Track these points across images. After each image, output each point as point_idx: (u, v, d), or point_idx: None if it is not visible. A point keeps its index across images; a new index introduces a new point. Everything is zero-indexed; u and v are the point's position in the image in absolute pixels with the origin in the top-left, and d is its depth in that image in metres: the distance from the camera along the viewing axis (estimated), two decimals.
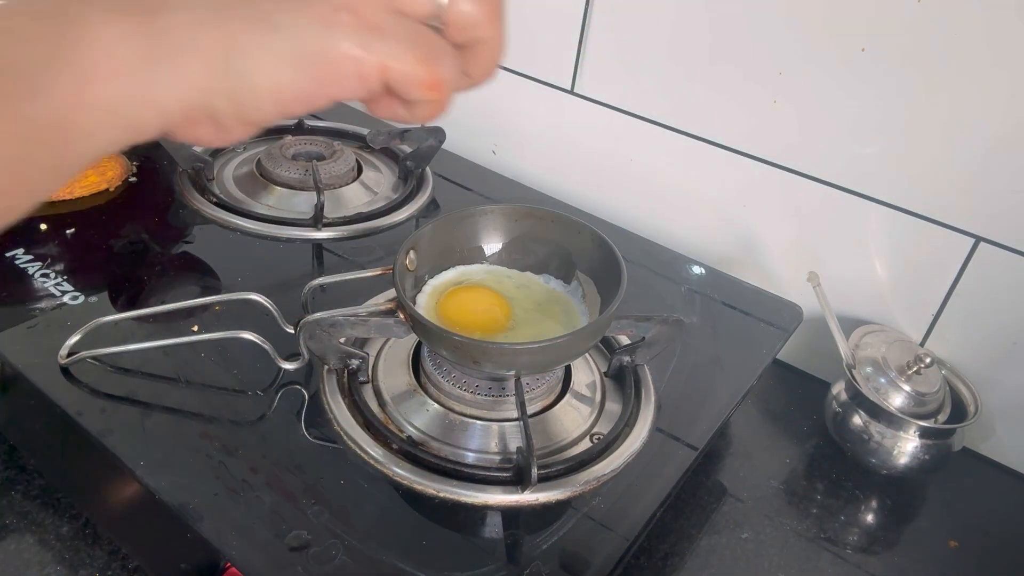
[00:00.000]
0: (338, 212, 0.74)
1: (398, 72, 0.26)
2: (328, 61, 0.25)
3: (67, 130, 0.23)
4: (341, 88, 0.26)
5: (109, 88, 0.24)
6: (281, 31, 0.25)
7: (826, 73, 0.64)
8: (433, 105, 0.28)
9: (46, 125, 0.23)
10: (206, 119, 0.26)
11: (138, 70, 0.24)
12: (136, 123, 0.25)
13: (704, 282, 0.73)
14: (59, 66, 0.23)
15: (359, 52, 0.25)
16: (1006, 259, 0.61)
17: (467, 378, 0.52)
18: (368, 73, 0.26)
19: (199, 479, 0.47)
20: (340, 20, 0.25)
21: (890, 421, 0.61)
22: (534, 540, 0.46)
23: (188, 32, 0.24)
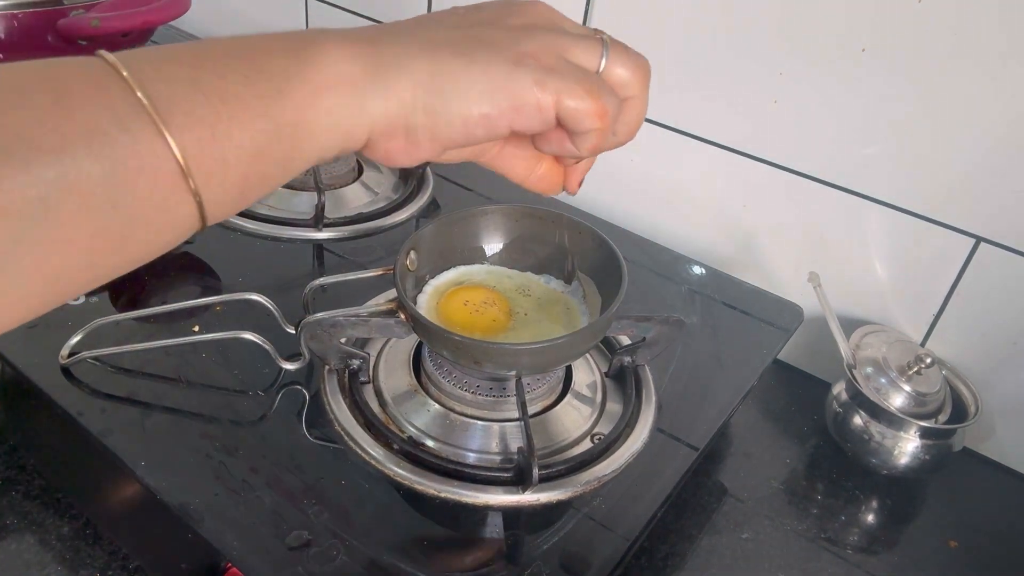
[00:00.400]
0: (339, 212, 0.74)
1: (570, 104, 0.31)
2: (514, 93, 0.30)
3: (299, 130, 0.28)
4: (521, 117, 0.31)
5: (334, 98, 0.28)
6: (479, 64, 0.30)
7: (826, 73, 0.64)
8: (598, 134, 0.32)
9: (284, 124, 0.27)
10: (402, 133, 0.30)
11: (358, 85, 0.29)
12: (351, 129, 0.29)
13: (704, 282, 0.73)
14: (298, 77, 0.28)
15: (538, 88, 0.30)
16: (1006, 259, 0.61)
17: (468, 378, 0.52)
18: (546, 105, 0.30)
19: (199, 479, 0.47)
20: (526, 62, 0.30)
21: (890, 421, 0.61)
22: (535, 540, 0.46)
23: (402, 58, 0.30)
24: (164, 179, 0.25)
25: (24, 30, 0.74)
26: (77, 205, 0.24)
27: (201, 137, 0.26)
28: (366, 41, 0.30)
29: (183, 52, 0.27)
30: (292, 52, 0.28)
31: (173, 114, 0.25)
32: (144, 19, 0.77)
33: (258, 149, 0.27)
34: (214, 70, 0.26)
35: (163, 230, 0.27)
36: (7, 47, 0.75)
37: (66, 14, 0.75)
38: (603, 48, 0.33)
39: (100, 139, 0.24)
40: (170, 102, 0.25)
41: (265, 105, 0.27)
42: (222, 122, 0.26)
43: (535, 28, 0.32)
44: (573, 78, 0.31)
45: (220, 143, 0.26)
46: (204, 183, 0.26)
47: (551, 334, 0.52)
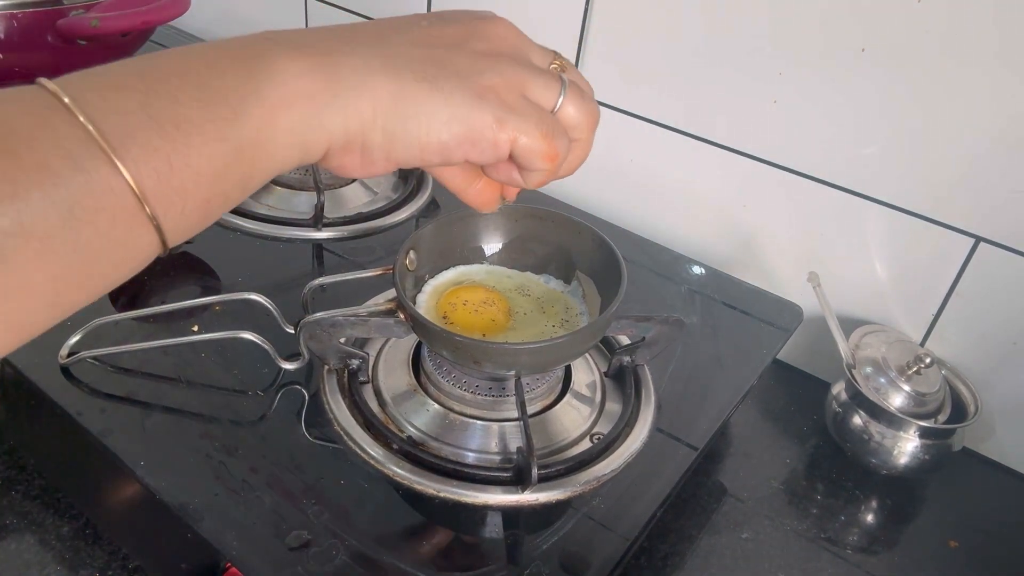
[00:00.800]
0: (338, 212, 0.74)
1: (525, 144, 0.31)
2: (474, 127, 0.30)
3: (257, 149, 0.28)
4: (476, 150, 0.31)
5: (292, 114, 0.28)
6: (443, 93, 0.30)
7: (826, 73, 0.64)
8: (545, 174, 0.33)
9: (242, 144, 0.27)
10: (358, 149, 0.30)
11: (316, 100, 0.28)
12: (309, 145, 0.29)
13: (704, 282, 0.73)
14: (254, 96, 0.27)
15: (497, 125, 0.31)
16: (1006, 259, 0.61)
17: (467, 378, 0.52)
18: (502, 142, 0.31)
19: (199, 479, 0.47)
20: (486, 96, 0.31)
21: (890, 421, 0.61)
22: (534, 540, 0.46)
23: (362, 73, 0.29)
24: (123, 214, 0.25)
25: (24, 30, 0.74)
26: (35, 251, 0.23)
27: (158, 168, 0.25)
28: (321, 52, 0.29)
29: (131, 76, 0.26)
30: (244, 69, 0.27)
31: (127, 147, 0.24)
32: (144, 19, 0.77)
33: (217, 172, 0.27)
34: (166, 94, 0.26)
35: (125, 261, 0.26)
36: (7, 47, 0.75)
37: (66, 14, 0.75)
38: (562, 88, 0.33)
39: (53, 181, 0.23)
40: (123, 135, 0.24)
41: (221, 128, 0.26)
42: (179, 150, 0.25)
43: (500, 57, 0.32)
44: (532, 120, 0.31)
45: (178, 172, 0.25)
46: (164, 213, 0.26)
47: (550, 334, 0.52)
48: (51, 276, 0.24)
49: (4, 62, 0.76)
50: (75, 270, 0.25)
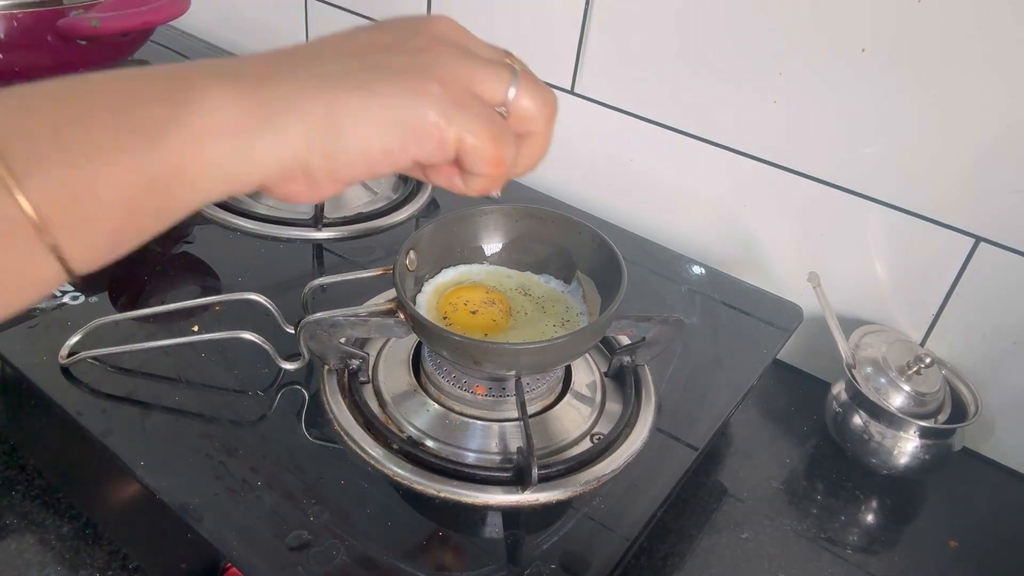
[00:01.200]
0: (338, 212, 0.74)
1: (471, 144, 0.29)
2: (416, 126, 0.28)
3: (175, 181, 0.26)
4: (422, 149, 0.29)
5: (217, 146, 0.26)
6: (378, 97, 0.28)
7: (826, 73, 0.64)
8: (489, 180, 0.31)
9: (158, 175, 0.26)
10: (301, 176, 0.28)
11: (243, 132, 0.27)
12: (236, 178, 0.27)
13: (704, 282, 0.73)
14: (174, 125, 0.26)
15: (443, 121, 0.29)
16: (1006, 259, 0.61)
17: (467, 378, 0.52)
18: (447, 140, 0.29)
19: (199, 479, 0.47)
20: (429, 91, 0.29)
21: (890, 421, 0.61)
22: (534, 540, 0.46)
23: (292, 98, 0.27)
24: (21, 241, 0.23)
25: (24, 30, 0.74)
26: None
27: (60, 197, 0.24)
28: (252, 79, 0.27)
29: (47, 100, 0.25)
30: (169, 98, 0.26)
31: (30, 174, 0.23)
32: (144, 19, 0.77)
33: (129, 203, 0.25)
34: (80, 121, 0.24)
35: (24, 288, 0.25)
36: (7, 47, 0.75)
37: (66, 14, 0.75)
38: (512, 77, 0.31)
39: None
40: (27, 160, 0.23)
41: (136, 160, 0.25)
42: (87, 180, 0.24)
43: (441, 51, 0.30)
44: (481, 119, 0.29)
45: (84, 202, 0.24)
46: (68, 242, 0.24)
47: (551, 334, 0.52)
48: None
49: (4, 62, 0.76)
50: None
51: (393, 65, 0.29)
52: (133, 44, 0.87)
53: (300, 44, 0.30)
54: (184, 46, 1.09)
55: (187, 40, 1.12)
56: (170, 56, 1.05)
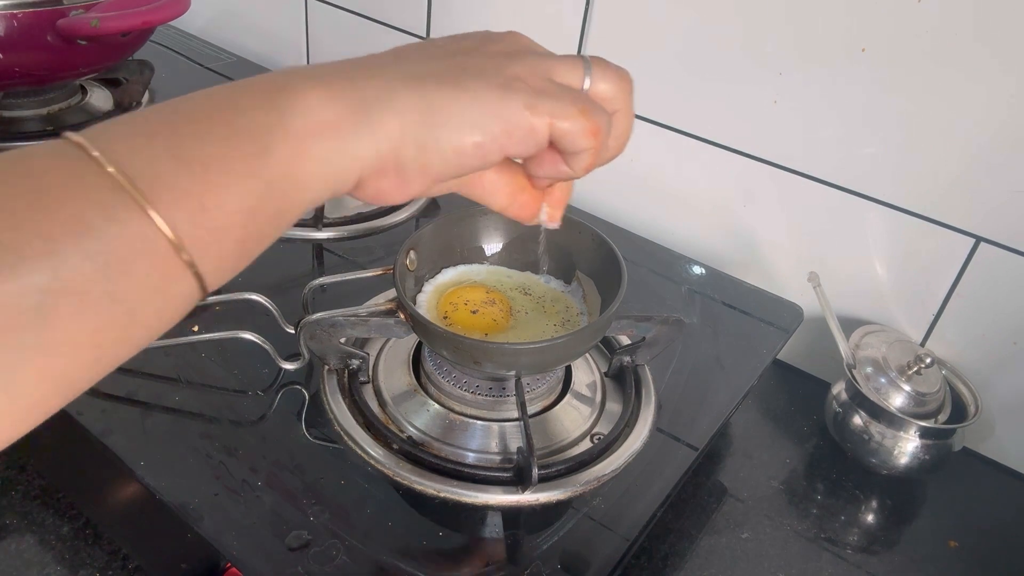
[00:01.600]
0: (338, 212, 0.74)
1: (564, 125, 0.30)
2: (506, 118, 0.29)
3: (288, 183, 0.27)
4: (513, 142, 0.30)
5: (320, 145, 0.27)
6: (468, 92, 0.29)
7: (826, 73, 0.64)
8: (591, 154, 0.32)
9: (274, 180, 0.27)
10: (393, 170, 0.29)
11: (342, 129, 0.28)
12: (340, 174, 0.28)
13: (704, 282, 0.73)
14: (280, 130, 0.27)
15: (529, 111, 0.30)
16: (1006, 259, 0.61)
17: (467, 378, 0.52)
18: (539, 128, 0.30)
19: (199, 479, 0.47)
20: (515, 86, 0.30)
21: (890, 421, 0.61)
22: (534, 540, 0.46)
23: (385, 93, 0.29)
24: (159, 261, 0.24)
25: (24, 30, 0.74)
26: (74, 306, 0.23)
27: (191, 211, 0.24)
28: (344, 79, 0.29)
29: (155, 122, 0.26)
30: (269, 104, 0.27)
31: (158, 192, 0.24)
32: (144, 19, 0.77)
33: (250, 210, 0.26)
34: (191, 135, 0.25)
35: (166, 310, 0.26)
36: (7, 47, 0.75)
37: (66, 14, 0.75)
38: (585, 65, 0.32)
39: (87, 234, 0.23)
40: (153, 180, 0.24)
41: (251, 165, 0.26)
42: (210, 191, 0.25)
43: (517, 52, 0.32)
44: (566, 98, 0.30)
45: (211, 213, 0.25)
46: (201, 257, 0.25)
47: (551, 334, 0.52)
48: (92, 330, 0.24)
49: (4, 62, 0.76)
50: (116, 322, 0.24)
51: (476, 65, 0.30)
52: (133, 44, 0.87)
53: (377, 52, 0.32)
54: (184, 46, 1.09)
55: (187, 40, 1.12)
56: (170, 56, 1.05)
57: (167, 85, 0.96)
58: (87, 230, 0.23)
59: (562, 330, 0.53)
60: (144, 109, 0.27)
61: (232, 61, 1.07)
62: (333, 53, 1.04)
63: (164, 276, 0.25)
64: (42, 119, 0.85)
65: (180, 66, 1.03)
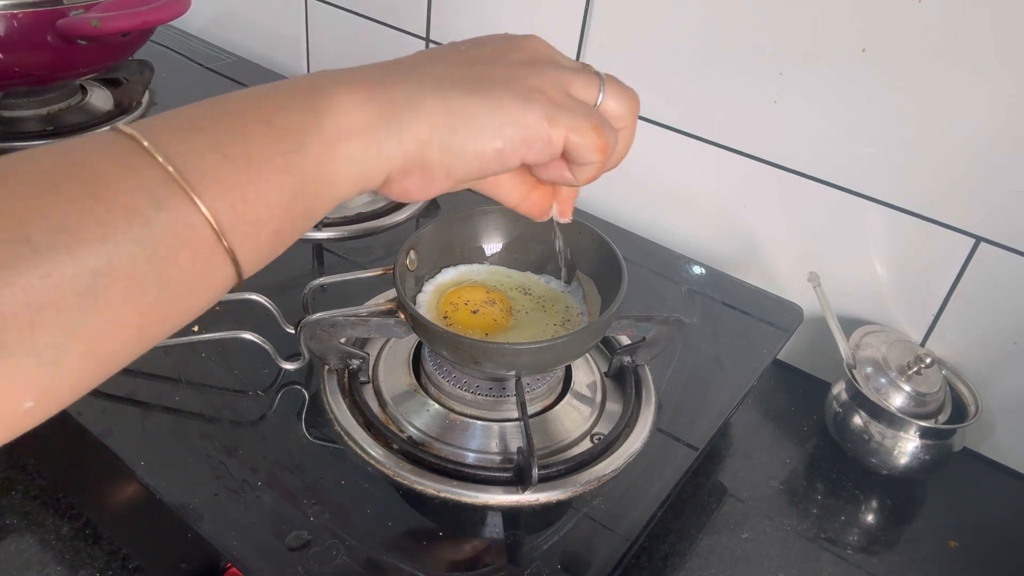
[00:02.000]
0: (338, 212, 0.74)
1: (578, 140, 0.32)
2: (526, 128, 0.31)
3: (320, 180, 0.29)
4: (532, 151, 0.32)
5: (352, 145, 0.29)
6: (492, 100, 0.31)
7: (826, 73, 0.64)
8: (596, 167, 0.34)
9: (306, 176, 0.28)
10: (418, 170, 0.31)
11: (372, 130, 0.29)
12: (369, 173, 0.30)
13: (704, 282, 0.73)
14: (316, 129, 0.28)
15: (548, 123, 0.32)
16: (1006, 259, 0.61)
17: (467, 378, 0.52)
18: (555, 139, 0.32)
19: (199, 479, 0.47)
20: (534, 97, 0.32)
21: (890, 421, 0.61)
22: (534, 540, 0.46)
23: (414, 98, 0.30)
24: (203, 249, 0.26)
25: (24, 30, 0.74)
26: (125, 289, 0.24)
27: (234, 202, 0.26)
28: (375, 83, 0.30)
29: (201, 116, 0.27)
30: (306, 104, 0.29)
31: (205, 184, 0.25)
32: (144, 19, 0.77)
33: (287, 204, 0.28)
34: (236, 131, 0.27)
35: (204, 295, 0.27)
36: (7, 47, 0.75)
37: (66, 14, 0.75)
38: (600, 82, 0.34)
39: (139, 221, 0.24)
40: (201, 173, 0.25)
41: (289, 161, 0.27)
42: (252, 184, 0.27)
43: (536, 63, 0.33)
44: (581, 114, 0.32)
45: (252, 205, 0.27)
46: (240, 246, 0.27)
47: (551, 334, 0.52)
48: (138, 312, 0.25)
49: (4, 62, 0.76)
50: (159, 305, 0.25)
51: (499, 74, 0.32)
52: (133, 44, 0.87)
53: (402, 57, 0.33)
54: (184, 46, 1.09)
55: (187, 40, 1.12)
56: (170, 56, 1.05)
57: (167, 85, 0.96)
58: (139, 217, 0.24)
59: (562, 330, 0.53)
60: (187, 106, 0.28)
61: (232, 61, 1.07)
62: (333, 53, 1.04)
63: (206, 263, 0.26)
64: (42, 119, 0.85)
65: (180, 66, 1.03)
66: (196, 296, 0.27)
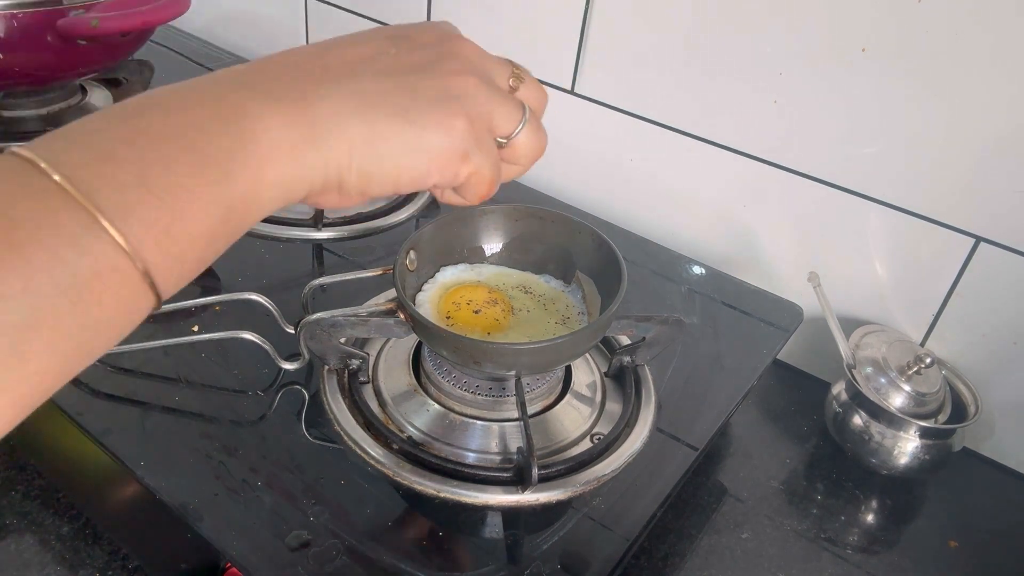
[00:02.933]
0: (338, 212, 0.74)
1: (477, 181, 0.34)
2: (443, 160, 0.32)
3: (246, 205, 0.28)
4: (441, 176, 0.33)
5: (277, 169, 0.29)
6: (413, 127, 0.31)
7: (826, 73, 0.64)
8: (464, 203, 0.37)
9: (234, 203, 0.28)
10: (335, 189, 0.31)
11: (296, 152, 0.29)
12: (291, 194, 0.30)
13: (704, 282, 0.73)
14: (242, 155, 0.28)
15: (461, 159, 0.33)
16: (1006, 259, 0.61)
17: (467, 378, 0.52)
18: (462, 173, 0.33)
19: (199, 479, 0.47)
20: (457, 126, 0.32)
21: (890, 421, 0.61)
22: (534, 540, 0.46)
23: (336, 117, 0.30)
24: (127, 287, 0.25)
25: (24, 30, 0.74)
26: (48, 339, 0.23)
27: (158, 238, 0.25)
28: (298, 99, 0.29)
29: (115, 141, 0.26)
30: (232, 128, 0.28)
31: (129, 224, 0.24)
32: (144, 19, 0.77)
33: (212, 233, 0.27)
34: (158, 161, 0.26)
35: (126, 327, 0.27)
36: (7, 47, 0.75)
37: (66, 14, 0.75)
38: (522, 120, 0.35)
39: (61, 270, 0.23)
40: (125, 211, 0.24)
41: (214, 191, 0.27)
42: (176, 219, 0.26)
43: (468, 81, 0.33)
44: (489, 161, 0.34)
45: (176, 240, 0.26)
46: (163, 279, 0.26)
47: (551, 334, 0.52)
48: (61, 357, 0.24)
49: (4, 62, 0.76)
50: (83, 345, 0.25)
51: (425, 90, 0.32)
52: (133, 44, 0.86)
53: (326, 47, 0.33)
54: (184, 46, 1.09)
55: (187, 40, 1.12)
56: (170, 56, 1.05)
57: None
58: (61, 266, 0.23)
59: (562, 330, 0.53)
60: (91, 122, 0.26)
61: (232, 61, 1.07)
62: None
63: (128, 300, 0.25)
64: (42, 119, 0.85)
65: (180, 66, 1.03)
66: (118, 329, 0.26)
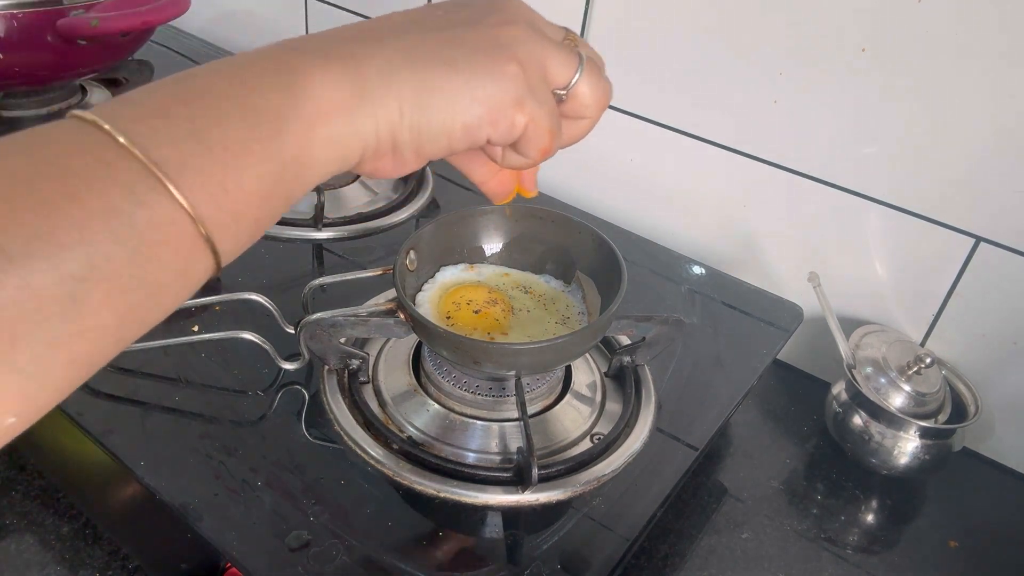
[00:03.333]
0: (338, 212, 0.74)
1: (535, 132, 0.32)
2: (495, 105, 0.30)
3: (300, 164, 0.28)
4: (495, 130, 0.31)
5: (329, 126, 0.28)
6: (461, 74, 0.30)
7: (826, 73, 0.64)
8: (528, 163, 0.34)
9: (288, 161, 0.27)
10: (389, 150, 0.30)
11: (347, 109, 0.28)
12: (345, 153, 0.29)
13: (704, 282, 0.73)
14: (293, 113, 0.27)
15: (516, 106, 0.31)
16: (1006, 259, 0.61)
17: (467, 378, 0.52)
18: (518, 124, 0.31)
19: (199, 479, 0.47)
20: (508, 72, 0.30)
21: (890, 421, 0.61)
22: (534, 540, 0.46)
23: (385, 73, 0.29)
24: (184, 243, 0.25)
25: (24, 30, 0.74)
26: (105, 291, 0.23)
27: (214, 193, 0.25)
28: (347, 56, 0.29)
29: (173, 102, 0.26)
30: (281, 84, 0.27)
31: (184, 176, 0.24)
32: (144, 19, 0.77)
33: (267, 191, 0.27)
34: (210, 116, 0.26)
35: (183, 290, 0.26)
36: (7, 47, 0.75)
37: (66, 14, 0.75)
38: (579, 65, 0.33)
39: (118, 220, 0.23)
40: (180, 165, 0.24)
41: (267, 147, 0.26)
42: (231, 173, 0.25)
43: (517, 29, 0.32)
44: (545, 110, 0.32)
45: (232, 195, 0.26)
46: (220, 237, 0.26)
47: (551, 334, 0.52)
48: (119, 314, 0.24)
49: (4, 62, 0.76)
50: (141, 304, 0.25)
51: (474, 40, 0.31)
52: (133, 44, 0.87)
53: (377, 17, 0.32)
54: (184, 46, 1.09)
55: (187, 40, 1.12)
56: (170, 56, 1.05)
57: None
58: (117, 216, 0.23)
59: (562, 330, 0.53)
60: (147, 87, 0.26)
61: None
62: None
63: (186, 258, 0.25)
64: (42, 119, 0.84)
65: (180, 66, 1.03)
66: (175, 291, 0.26)
